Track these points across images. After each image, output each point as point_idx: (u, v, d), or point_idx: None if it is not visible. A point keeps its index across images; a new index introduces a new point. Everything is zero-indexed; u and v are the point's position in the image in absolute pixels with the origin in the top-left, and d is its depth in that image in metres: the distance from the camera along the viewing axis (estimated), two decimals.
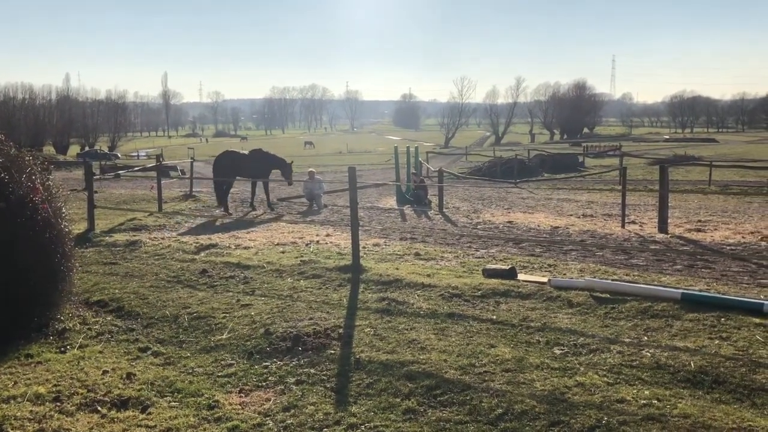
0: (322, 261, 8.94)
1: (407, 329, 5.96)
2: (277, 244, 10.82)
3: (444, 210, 16.81)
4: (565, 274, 8.32)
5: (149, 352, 5.82)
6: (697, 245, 10.85)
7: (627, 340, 5.49)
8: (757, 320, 5.75)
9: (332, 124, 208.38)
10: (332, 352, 5.46)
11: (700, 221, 13.87)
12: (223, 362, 5.47)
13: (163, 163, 41.32)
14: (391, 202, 19.37)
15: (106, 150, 75.21)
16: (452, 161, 51.69)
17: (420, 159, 22.41)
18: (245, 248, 10.47)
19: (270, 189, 18.14)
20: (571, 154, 48.08)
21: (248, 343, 5.86)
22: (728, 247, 10.55)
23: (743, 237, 11.48)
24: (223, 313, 6.76)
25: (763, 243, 10.83)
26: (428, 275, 8.04)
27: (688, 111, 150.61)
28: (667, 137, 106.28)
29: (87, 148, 76.32)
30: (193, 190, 20.68)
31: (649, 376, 4.70)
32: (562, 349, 5.32)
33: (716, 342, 5.33)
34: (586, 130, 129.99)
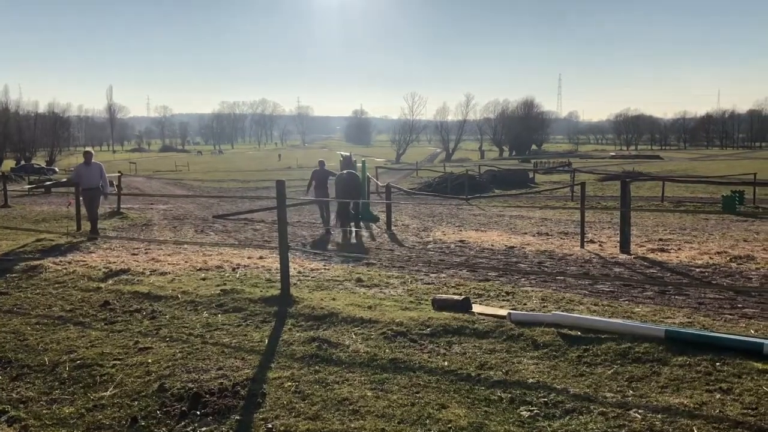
0: (247, 290, 7.68)
1: (338, 382, 4.77)
2: (200, 269, 9.50)
3: (392, 228, 15.72)
4: (525, 304, 7.28)
5: (3, 418, 4.50)
6: (664, 267, 10.00)
7: (609, 395, 4.42)
8: (759, 365, 4.77)
9: (283, 139, 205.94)
10: (238, 418, 4.23)
11: (661, 240, 13.12)
12: None
13: None
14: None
15: (43, 164, 71.89)
16: (403, 177, 50.82)
17: (368, 174, 21.30)
18: (161, 274, 9.12)
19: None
20: (522, 170, 47.87)
21: (135, 403, 4.58)
22: (697, 270, 9.72)
23: (710, 258, 10.69)
24: (114, 359, 5.47)
25: (732, 264, 10.05)
26: (369, 307, 6.88)
27: (633, 129, 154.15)
28: (614, 154, 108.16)
29: (22, 162, 72.85)
30: (121, 206, 19.07)
31: None
32: (530, 411, 4.22)
33: (718, 397, 4.31)
34: (534, 146, 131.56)
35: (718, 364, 4.86)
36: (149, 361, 5.37)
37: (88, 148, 14.70)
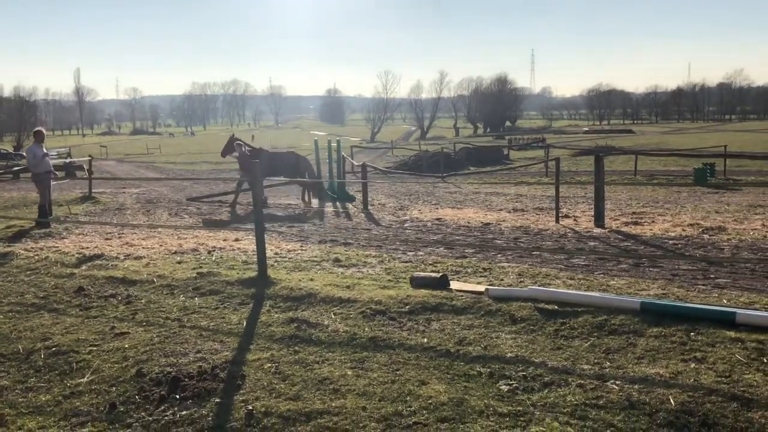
0: (224, 273, 7.62)
1: (318, 362, 4.77)
2: (175, 253, 9.40)
3: (369, 207, 15.69)
4: (502, 280, 7.33)
5: None
6: (638, 240, 10.12)
7: (586, 367, 4.47)
8: (732, 334, 4.86)
9: (256, 120, 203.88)
10: (218, 400, 4.21)
11: (635, 213, 13.27)
12: (74, 419, 4.14)
13: (69, 161, 38.61)
14: (313, 200, 18.08)
15: (10, 150, 70.32)
16: (378, 156, 50.71)
17: (342, 153, 21.19)
18: (136, 258, 9.01)
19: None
20: (496, 147, 48.04)
21: (113, 389, 4.53)
22: (671, 242, 9.85)
23: (683, 230, 10.84)
24: (91, 346, 5.40)
25: (705, 236, 10.21)
26: (348, 287, 6.87)
27: (605, 104, 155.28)
28: (587, 129, 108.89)
29: None
30: (93, 191, 18.76)
31: (621, 421, 3.69)
32: (509, 384, 4.25)
33: (692, 366, 4.39)
34: (508, 123, 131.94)
35: (692, 334, 4.95)
36: (126, 346, 5.31)
37: (39, 128, 14.12)
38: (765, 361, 4.41)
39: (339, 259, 8.79)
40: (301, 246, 10.05)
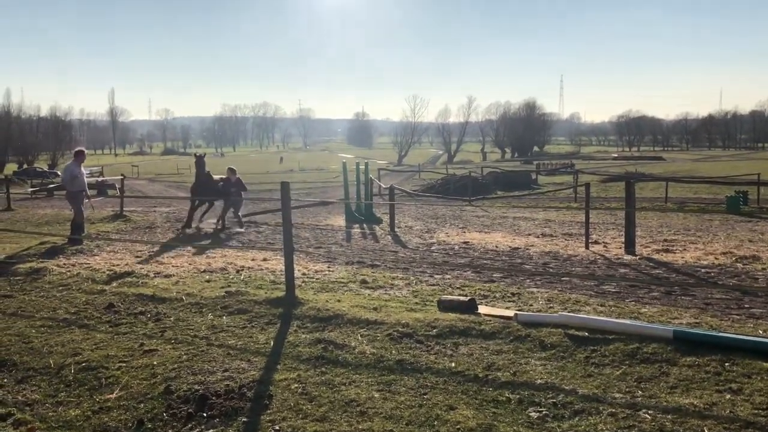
0: (252, 292, 7.66)
1: (345, 384, 4.75)
2: (204, 271, 9.48)
3: (396, 229, 15.69)
4: (531, 305, 7.25)
5: (9, 421, 4.48)
6: (670, 268, 9.96)
7: (618, 396, 4.39)
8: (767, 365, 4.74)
9: (285, 142, 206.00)
10: (245, 420, 4.21)
11: (666, 240, 13.07)
12: None
13: (102, 179, 39.28)
14: (340, 221, 18.16)
15: (45, 168, 71.91)
16: (405, 179, 50.82)
17: (370, 176, 21.29)
18: (166, 276, 9.10)
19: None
20: (524, 172, 47.82)
21: (141, 405, 4.56)
22: (703, 270, 9.68)
23: (716, 258, 10.65)
24: (120, 362, 5.45)
25: (738, 265, 10.01)
26: (375, 309, 6.85)
27: (635, 130, 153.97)
28: (616, 155, 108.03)
29: (25, 166, 72.89)
30: (124, 209, 19.06)
31: None
32: (539, 411, 4.19)
33: (728, 397, 4.28)
34: (536, 148, 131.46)
35: (727, 364, 4.83)
36: (155, 363, 5.35)
37: (81, 148, 14.61)
38: None
39: (366, 280, 8.78)
40: (329, 267, 10.06)
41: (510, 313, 6.43)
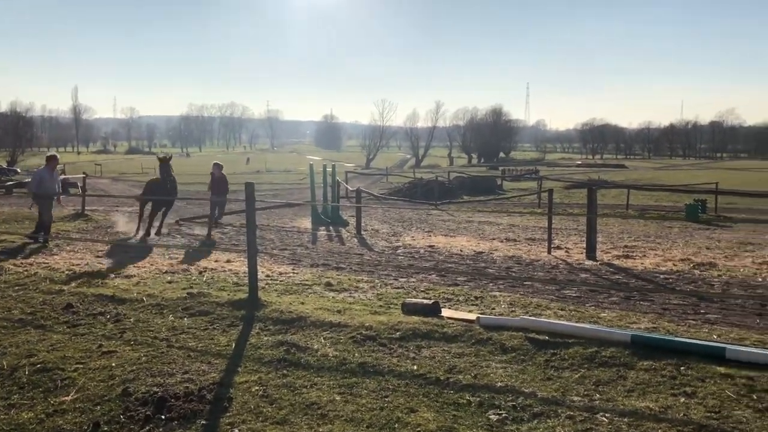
0: (214, 294, 7.58)
1: (306, 387, 4.73)
2: (165, 272, 9.36)
3: (362, 233, 15.69)
4: (494, 309, 7.31)
5: None
6: (629, 273, 10.14)
7: (576, 399, 4.45)
8: (722, 369, 4.86)
9: (252, 143, 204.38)
10: (204, 422, 4.16)
11: (626, 247, 13.31)
12: None
13: (63, 177, 38.48)
14: (307, 223, 18.09)
15: (4, 165, 70.19)
16: (373, 182, 50.86)
17: (337, 179, 21.26)
18: (126, 277, 8.95)
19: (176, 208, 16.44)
20: (490, 177, 48.28)
21: (97, 408, 4.48)
22: (662, 276, 9.88)
23: (674, 265, 10.88)
24: (77, 363, 5.34)
25: (695, 271, 10.25)
26: (339, 311, 6.84)
27: (598, 138, 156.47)
28: (580, 162, 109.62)
29: None
30: (86, 208, 18.70)
31: None
32: (498, 414, 4.23)
33: (682, 401, 4.38)
34: (502, 154, 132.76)
35: (682, 368, 4.94)
36: (113, 364, 5.26)
37: (53, 152, 14.35)
38: (755, 397, 4.41)
39: (331, 283, 8.76)
40: (293, 269, 10.02)
41: (472, 316, 6.48)
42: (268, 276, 9.21)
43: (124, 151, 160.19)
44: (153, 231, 13.95)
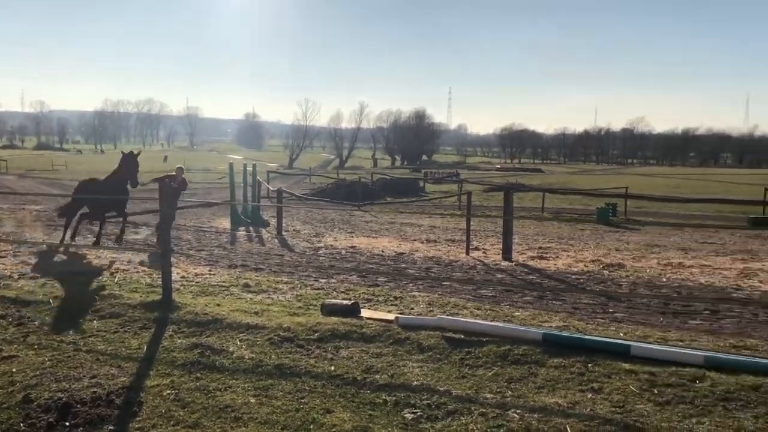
0: (126, 295, 7.31)
1: (221, 390, 4.63)
2: (75, 273, 8.96)
3: (283, 233, 15.53)
4: (413, 309, 7.39)
5: None
6: (543, 274, 10.47)
7: (489, 396, 4.56)
8: (627, 366, 5.08)
9: (170, 140, 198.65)
10: (111, 428, 4.02)
11: (541, 248, 13.75)
12: None
13: None
14: (226, 223, 17.73)
15: None
16: (295, 182, 50.43)
17: (258, 178, 20.97)
18: (32, 278, 8.52)
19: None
20: (413, 179, 48.80)
21: None
22: (573, 276, 10.26)
23: (585, 265, 11.32)
24: None
25: (605, 272, 10.69)
26: (256, 313, 6.74)
27: (517, 143, 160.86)
28: (499, 166, 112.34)
29: None
30: None
31: None
32: (413, 413, 4.27)
33: (589, 396, 4.55)
34: (425, 157, 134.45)
35: (590, 365, 5.14)
36: (14, 370, 4.99)
37: None
38: (656, 391, 4.63)
39: (249, 284, 8.63)
40: (210, 270, 9.80)
41: (391, 316, 6.53)
42: (183, 277, 8.98)
43: (32, 147, 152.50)
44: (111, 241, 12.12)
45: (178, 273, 9.01)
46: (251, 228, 16.61)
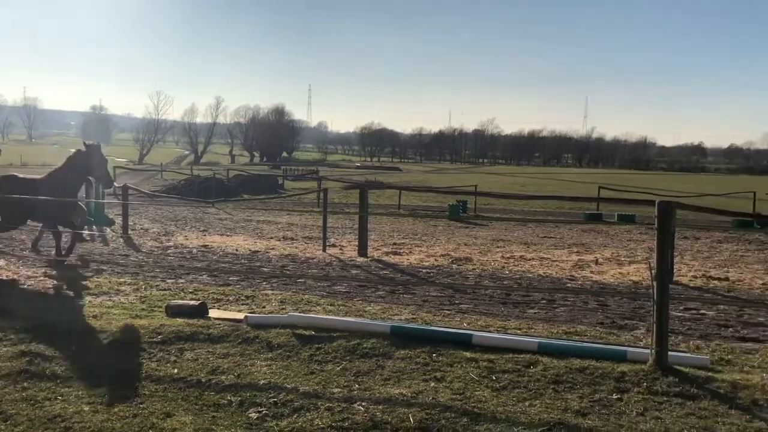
0: None
1: (50, 399, 4.31)
2: None
3: (129, 232, 14.74)
4: (264, 307, 7.29)
5: None
6: (396, 269, 10.73)
7: (336, 390, 4.59)
8: (468, 354, 5.32)
9: (4, 132, 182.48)
10: None
11: (395, 244, 14.07)
12: None
13: None
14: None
15: None
16: (145, 178, 48.07)
17: None
18: None
19: None
20: (271, 176, 48.15)
21: None
22: (424, 271, 10.60)
23: (435, 260, 11.73)
24: None
25: (453, 266, 11.14)
26: (95, 316, 6.35)
27: (376, 141, 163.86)
28: (359, 164, 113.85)
29: None
30: None
31: None
32: (258, 411, 4.21)
33: (432, 385, 4.72)
34: (285, 154, 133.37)
35: (434, 355, 5.32)
36: None
37: None
38: (494, 378, 4.89)
39: (88, 286, 8.11)
40: (45, 272, 9.10)
41: (240, 315, 6.40)
42: (15, 280, 8.27)
43: None
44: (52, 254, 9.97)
45: (8, 276, 8.29)
46: (94, 227, 15.61)
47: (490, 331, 6.14)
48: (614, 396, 4.58)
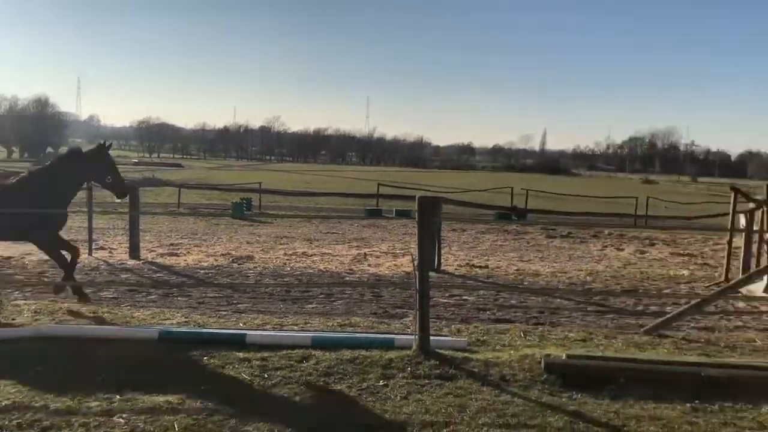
0: None
1: None
2: None
3: None
4: (14, 319, 6.53)
5: None
6: (171, 271, 10.25)
7: (94, 404, 4.24)
8: (242, 354, 5.23)
9: None
10: None
11: (172, 245, 13.45)
12: None
13: None
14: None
15: None
16: None
17: None
18: None
19: None
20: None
21: None
22: (203, 271, 10.26)
23: (215, 260, 11.42)
24: None
25: (234, 265, 10.93)
26: None
27: (156, 137, 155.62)
28: (137, 161, 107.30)
29: None
30: None
31: None
32: None
33: (202, 389, 4.55)
34: (50, 149, 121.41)
35: (206, 358, 5.16)
36: None
37: None
38: (266, 376, 4.87)
39: None
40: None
41: None
42: None
43: None
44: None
45: None
46: None
47: (265, 330, 6.10)
48: (381, 383, 4.79)
